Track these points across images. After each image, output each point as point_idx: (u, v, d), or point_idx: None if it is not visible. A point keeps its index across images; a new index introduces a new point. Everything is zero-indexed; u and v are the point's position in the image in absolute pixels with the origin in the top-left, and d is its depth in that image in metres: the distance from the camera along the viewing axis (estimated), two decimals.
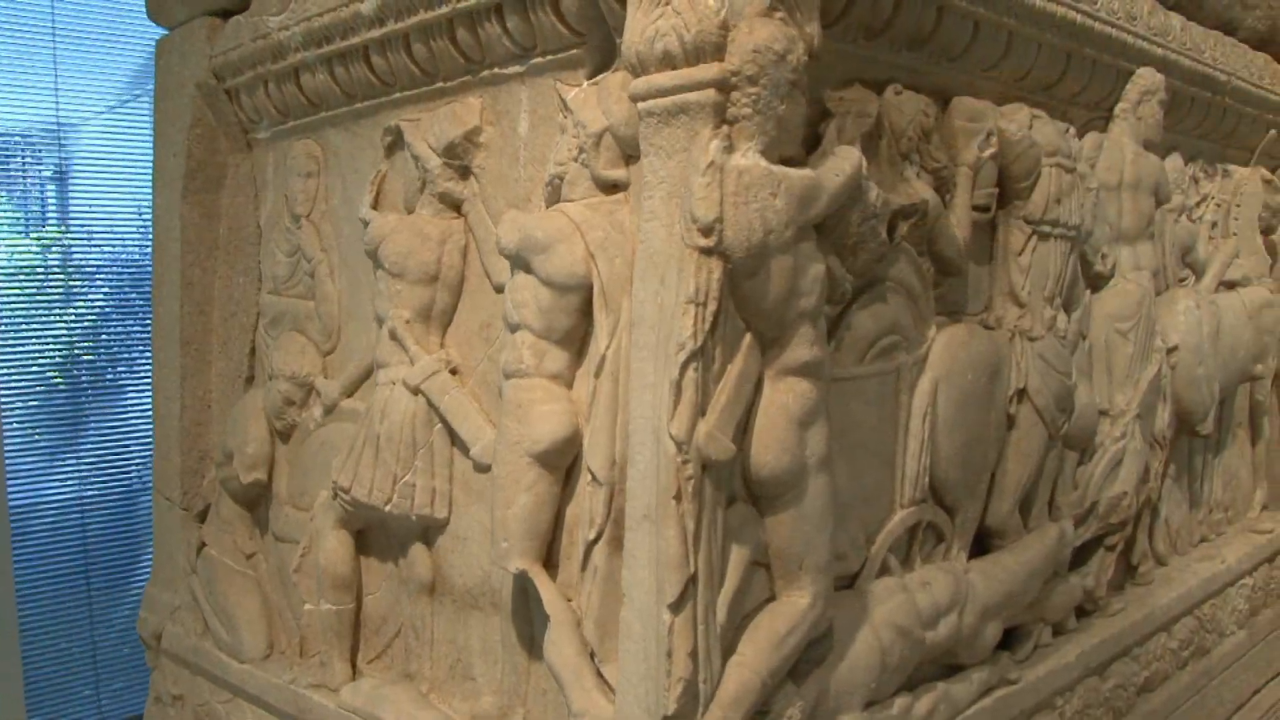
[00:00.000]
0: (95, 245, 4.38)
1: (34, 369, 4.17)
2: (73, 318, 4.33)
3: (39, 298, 4.24)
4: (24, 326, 4.16)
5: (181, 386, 2.84)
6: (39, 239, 4.49)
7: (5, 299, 4.12)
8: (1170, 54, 2.89)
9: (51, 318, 4.26)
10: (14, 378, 4.09)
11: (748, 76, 1.71)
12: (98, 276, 4.37)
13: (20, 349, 4.13)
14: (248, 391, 2.76)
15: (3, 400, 3.95)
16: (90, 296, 4.39)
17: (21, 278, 4.20)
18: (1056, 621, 2.60)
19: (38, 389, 4.18)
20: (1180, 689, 3.01)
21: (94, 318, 4.34)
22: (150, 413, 3.05)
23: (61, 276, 4.32)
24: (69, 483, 4.16)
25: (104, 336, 4.34)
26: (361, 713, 2.27)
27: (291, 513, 2.59)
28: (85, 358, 4.28)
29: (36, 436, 4.13)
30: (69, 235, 4.56)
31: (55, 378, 4.22)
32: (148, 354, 3.53)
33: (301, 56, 2.47)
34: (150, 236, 2.99)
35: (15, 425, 4.02)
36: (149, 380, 3.39)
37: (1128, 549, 2.98)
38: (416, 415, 2.23)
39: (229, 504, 2.72)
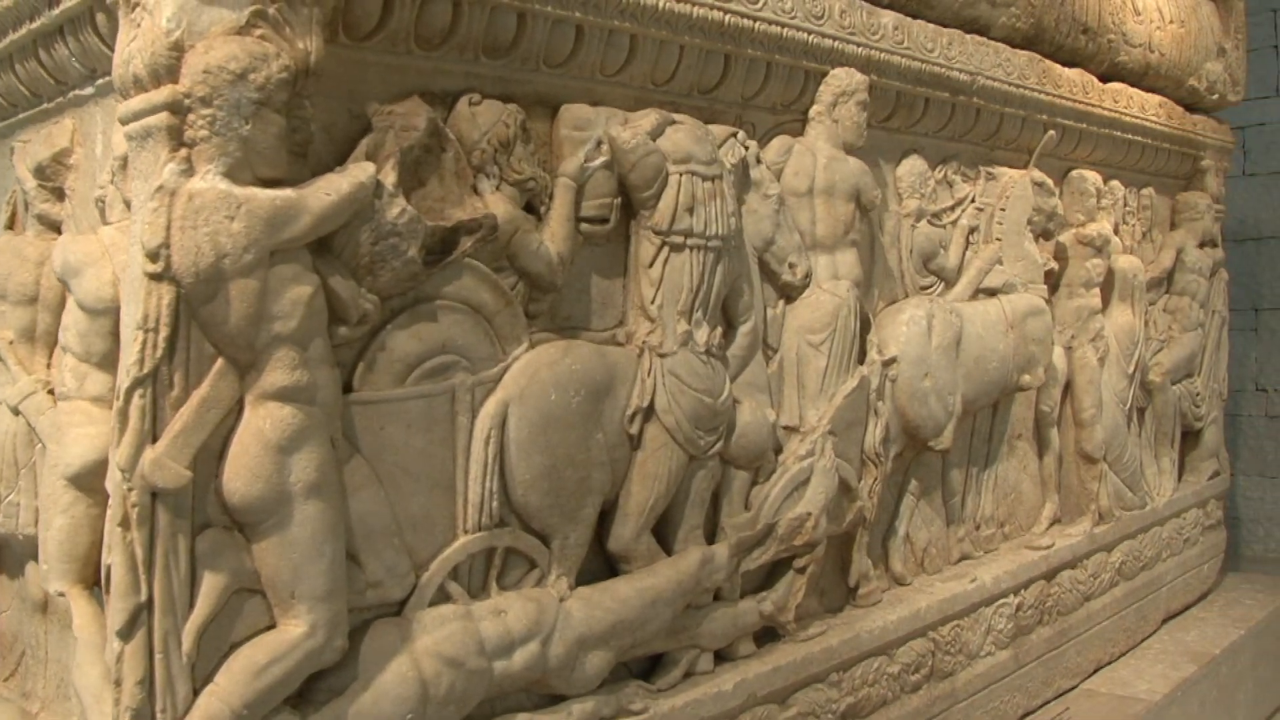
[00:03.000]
0: None
1: None
2: None
3: None
4: None
5: None
6: None
7: None
8: (879, 54, 2.77)
9: None
10: None
11: (200, 98, 1.69)
12: None
13: None
14: None
15: None
16: None
17: None
18: (719, 648, 2.50)
19: None
20: (906, 713, 2.88)
21: None
22: None
23: None
24: None
25: None
26: None
27: None
28: None
29: None
30: None
31: None
32: None
33: None
34: None
35: None
36: None
37: (844, 569, 2.86)
38: (18, 435, 2.24)
39: None
